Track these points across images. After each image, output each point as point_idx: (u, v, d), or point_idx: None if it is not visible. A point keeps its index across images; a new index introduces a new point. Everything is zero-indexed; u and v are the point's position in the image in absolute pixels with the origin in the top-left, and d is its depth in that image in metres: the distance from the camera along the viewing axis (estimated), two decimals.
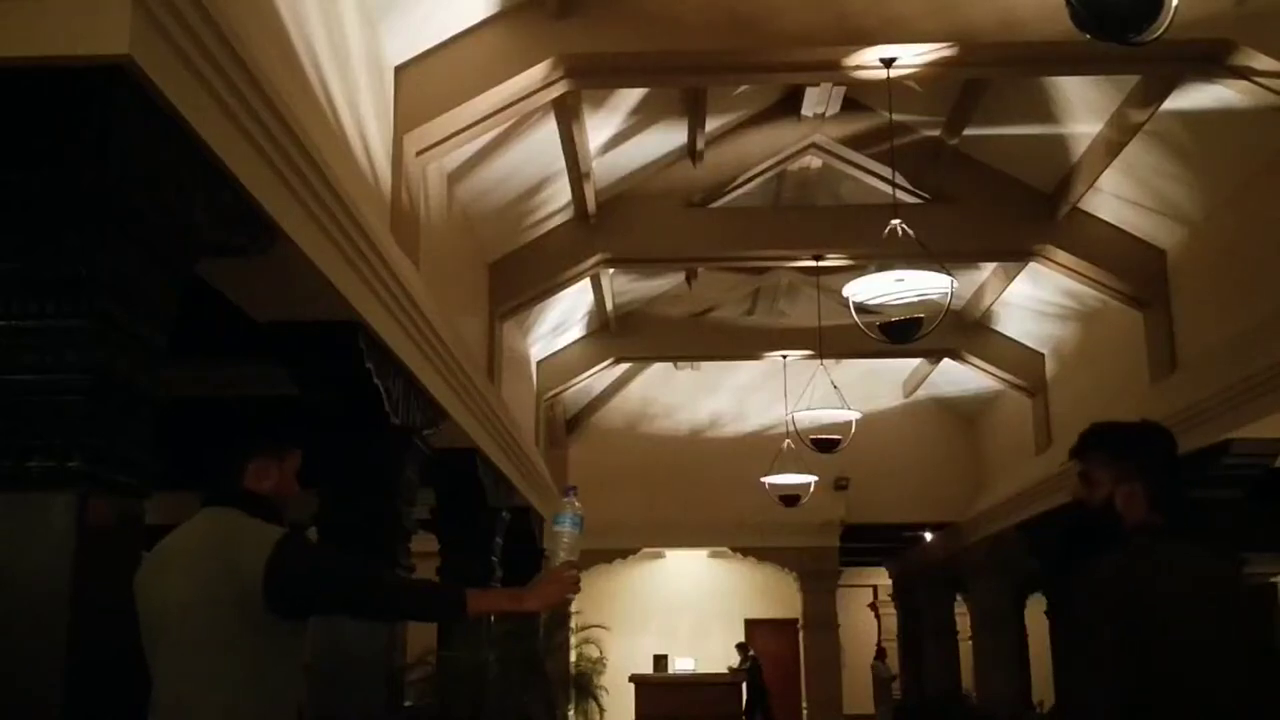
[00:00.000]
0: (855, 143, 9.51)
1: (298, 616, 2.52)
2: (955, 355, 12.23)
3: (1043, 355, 11.80)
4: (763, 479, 12.28)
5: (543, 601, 2.68)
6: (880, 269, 6.94)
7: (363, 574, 2.64)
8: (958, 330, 11.49)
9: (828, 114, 9.25)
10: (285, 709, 2.51)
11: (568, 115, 7.30)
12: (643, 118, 8.53)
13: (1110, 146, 7.84)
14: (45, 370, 2.67)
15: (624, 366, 13.95)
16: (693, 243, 9.75)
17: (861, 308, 7.24)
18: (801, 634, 16.03)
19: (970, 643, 15.01)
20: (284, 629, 2.48)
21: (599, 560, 14.83)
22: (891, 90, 6.79)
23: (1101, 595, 2.48)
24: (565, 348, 12.04)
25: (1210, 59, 6.00)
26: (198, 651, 2.41)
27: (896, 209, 6.96)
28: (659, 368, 15.10)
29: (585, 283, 10.36)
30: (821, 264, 9.83)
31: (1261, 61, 5.87)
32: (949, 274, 6.69)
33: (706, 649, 18.12)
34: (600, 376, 13.39)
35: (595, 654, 11.77)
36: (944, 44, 6.16)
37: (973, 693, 15.20)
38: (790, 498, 12.35)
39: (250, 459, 2.62)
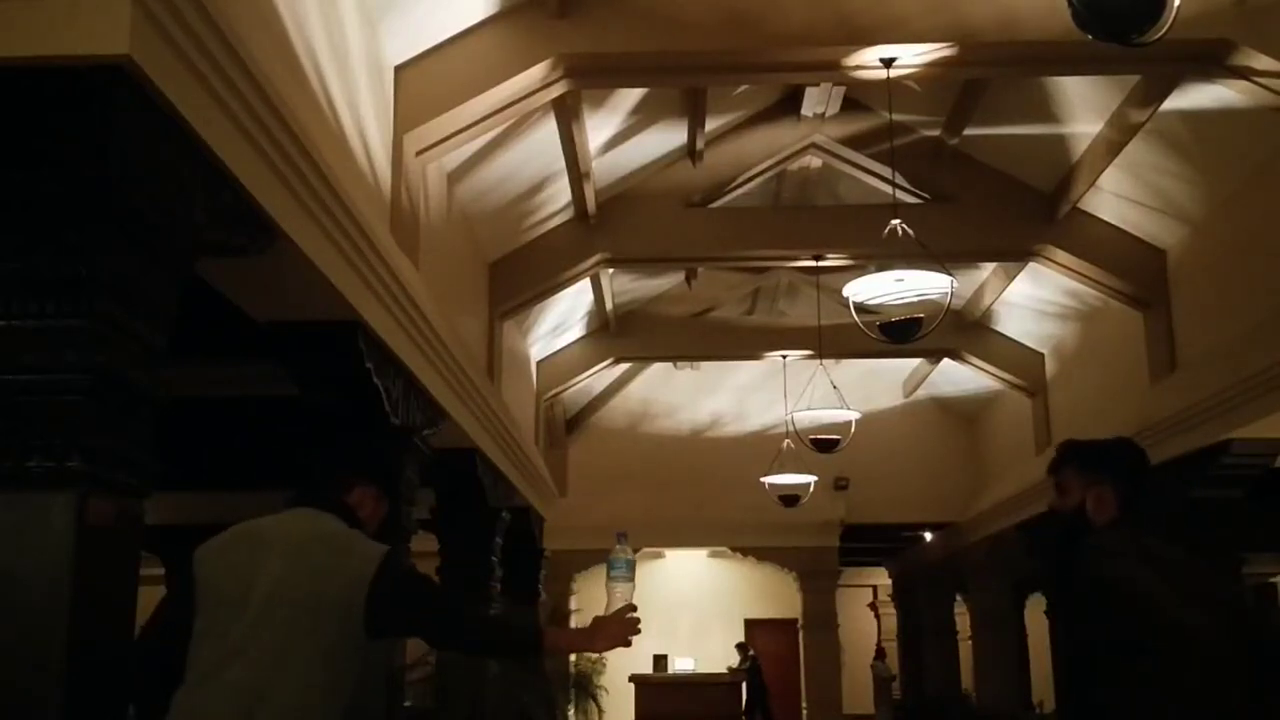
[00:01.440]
0: (855, 143, 9.50)
1: (384, 634, 2.57)
2: (955, 355, 12.23)
3: (1043, 355, 11.79)
4: (762, 479, 12.28)
5: (610, 643, 2.77)
6: (880, 269, 6.94)
7: (456, 605, 2.75)
8: (958, 330, 11.50)
9: (828, 114, 9.25)
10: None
11: (568, 115, 7.30)
12: (643, 118, 8.53)
13: (1110, 146, 7.84)
14: (45, 370, 2.67)
15: (624, 366, 13.95)
16: (693, 243, 9.75)
17: (861, 308, 7.23)
18: (801, 634, 16.02)
19: (970, 643, 15.01)
20: (363, 643, 2.52)
21: (598, 560, 14.81)
22: (891, 90, 6.79)
23: (1078, 587, 2.59)
24: (565, 348, 12.04)
25: (1210, 59, 6.00)
26: (286, 639, 2.43)
27: (896, 209, 6.95)
28: (659, 368, 15.10)
29: (585, 283, 10.36)
30: (821, 264, 9.83)
31: (1261, 61, 5.87)
32: (949, 274, 6.69)
33: (706, 649, 18.12)
34: (600, 376, 13.38)
35: (595, 654, 11.77)
36: (944, 44, 6.15)
37: (972, 693, 15.21)
38: (790, 498, 12.34)
39: (361, 482, 2.78)
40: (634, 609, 2.77)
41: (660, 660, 17.23)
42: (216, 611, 2.49)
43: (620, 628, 2.73)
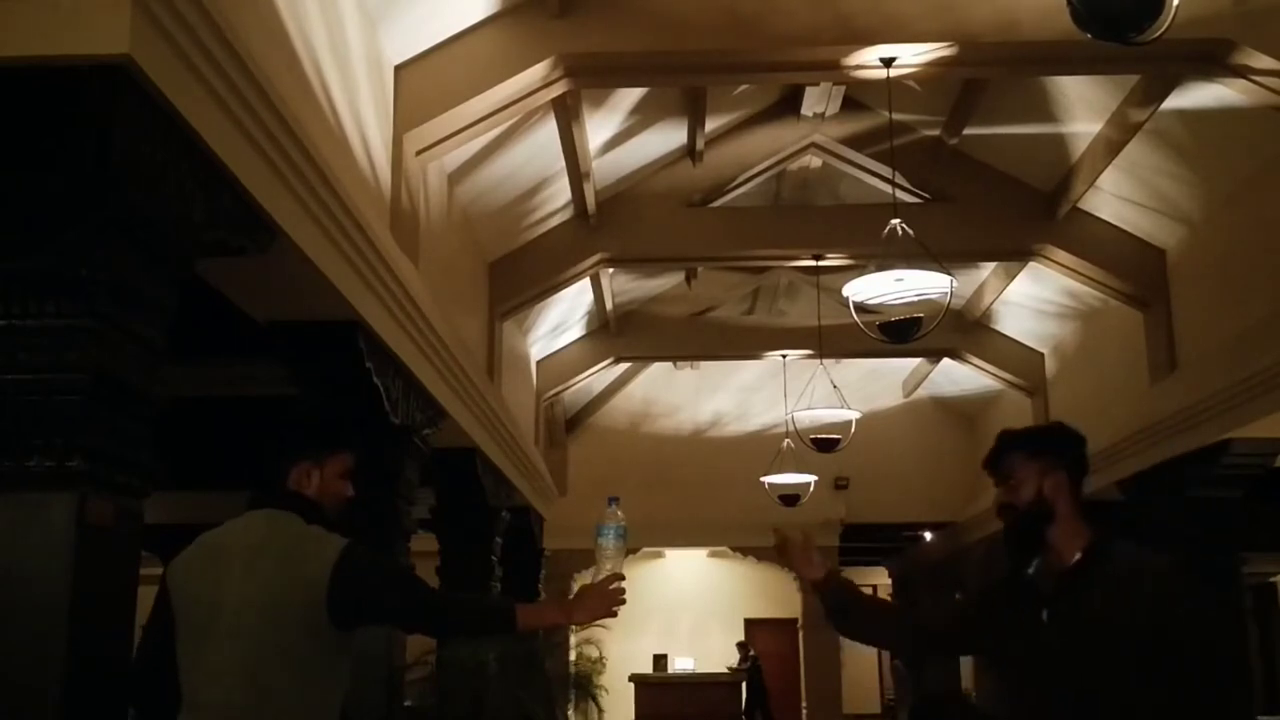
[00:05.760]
0: (855, 142, 9.50)
1: (353, 625, 2.50)
2: (955, 355, 12.22)
3: (1043, 355, 11.79)
4: (762, 479, 12.28)
5: (590, 615, 2.66)
6: (880, 269, 6.93)
7: (423, 589, 2.62)
8: (958, 330, 11.49)
9: (828, 114, 9.25)
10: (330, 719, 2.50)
11: (568, 115, 7.30)
12: (643, 118, 8.52)
13: (1110, 146, 7.84)
14: (45, 370, 2.67)
15: (624, 366, 13.95)
16: (693, 242, 9.75)
17: (861, 307, 7.22)
18: (801, 634, 16.02)
19: None
20: (338, 639, 2.47)
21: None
22: (891, 90, 6.79)
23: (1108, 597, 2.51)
24: (565, 347, 12.04)
25: (1210, 59, 6.00)
26: (257, 657, 2.39)
27: (896, 209, 6.95)
28: (659, 367, 15.10)
29: (585, 282, 10.36)
30: (821, 264, 9.83)
31: (1261, 61, 5.86)
32: (949, 274, 6.69)
33: (706, 649, 18.11)
34: (600, 376, 13.39)
35: (595, 654, 11.77)
36: (944, 44, 6.15)
37: (972, 692, 15.21)
38: (790, 497, 12.34)
39: (295, 461, 2.60)
40: (621, 578, 2.64)
41: (660, 660, 17.23)
42: (191, 634, 2.44)
43: (603, 599, 2.61)
